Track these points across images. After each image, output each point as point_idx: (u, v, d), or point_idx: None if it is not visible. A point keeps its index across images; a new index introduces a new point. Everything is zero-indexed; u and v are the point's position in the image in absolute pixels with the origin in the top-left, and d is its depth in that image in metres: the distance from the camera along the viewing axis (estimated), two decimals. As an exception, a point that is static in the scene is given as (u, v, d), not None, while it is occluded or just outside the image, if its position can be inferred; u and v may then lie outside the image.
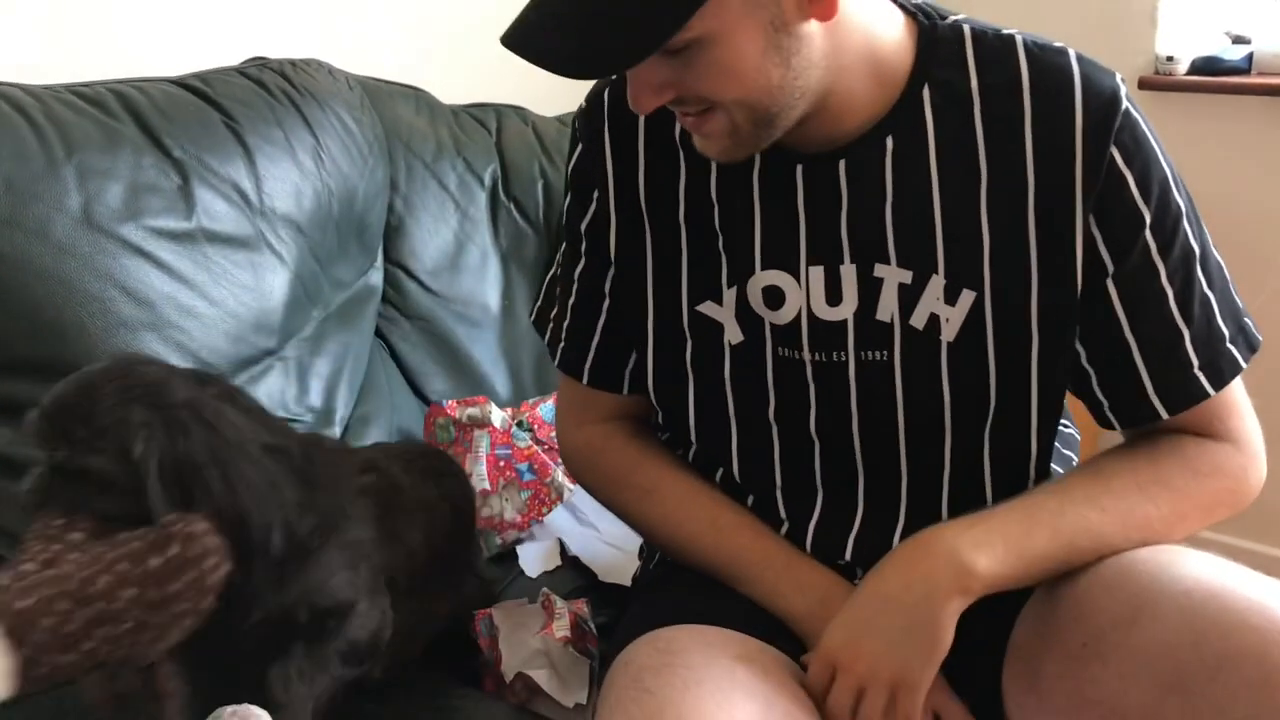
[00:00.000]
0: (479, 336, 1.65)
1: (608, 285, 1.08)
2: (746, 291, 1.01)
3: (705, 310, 1.03)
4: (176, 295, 1.28)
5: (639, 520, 1.13)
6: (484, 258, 1.68)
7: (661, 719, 0.87)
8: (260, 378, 1.36)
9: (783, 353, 1.01)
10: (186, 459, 0.87)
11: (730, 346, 1.02)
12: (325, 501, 0.94)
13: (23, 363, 1.18)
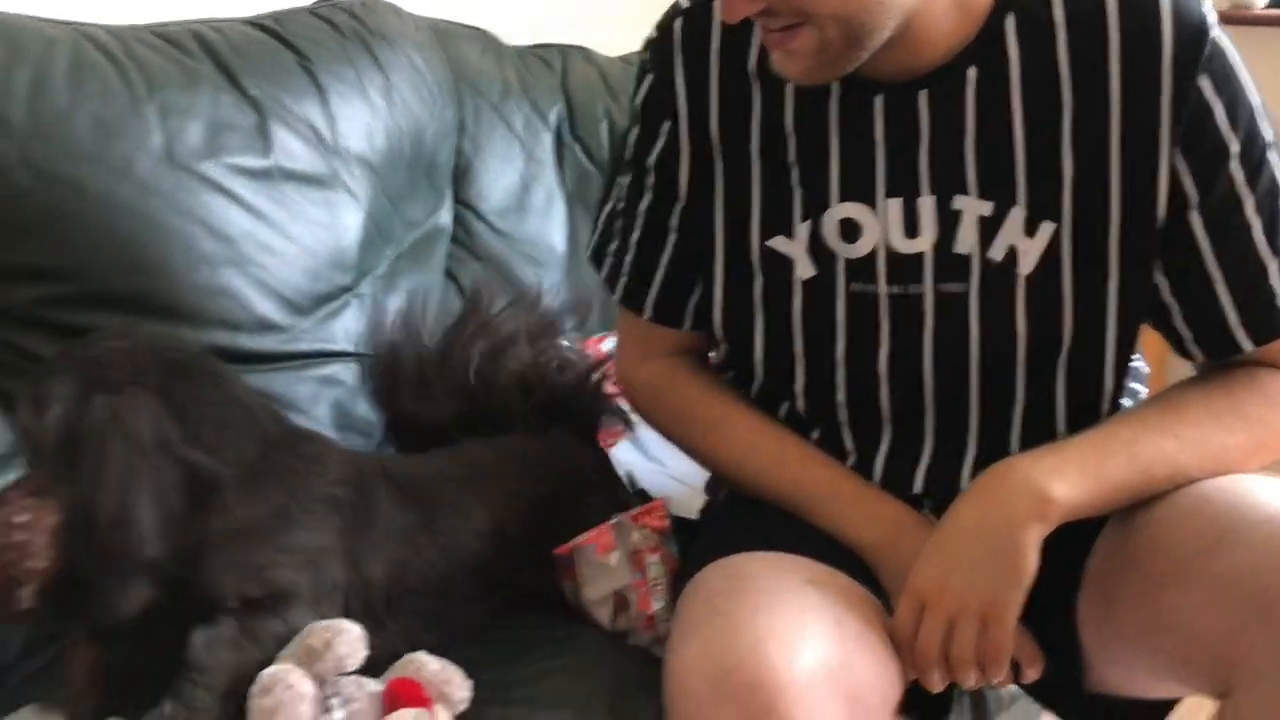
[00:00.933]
0: (544, 276, 1.66)
1: (674, 220, 1.09)
2: (820, 225, 1.01)
3: (776, 245, 1.03)
4: (255, 232, 1.31)
5: (705, 454, 1.14)
6: (549, 198, 1.69)
7: (735, 641, 0.88)
8: (337, 314, 1.39)
9: (856, 287, 1.02)
10: (77, 436, 0.90)
11: (801, 282, 1.03)
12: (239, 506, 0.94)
13: (112, 296, 1.21)
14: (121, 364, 0.93)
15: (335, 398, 1.36)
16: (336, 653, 0.88)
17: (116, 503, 0.88)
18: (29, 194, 1.17)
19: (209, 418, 0.95)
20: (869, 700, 0.90)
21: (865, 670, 0.91)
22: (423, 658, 0.94)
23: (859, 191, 1.00)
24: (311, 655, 0.88)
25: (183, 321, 1.24)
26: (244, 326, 1.28)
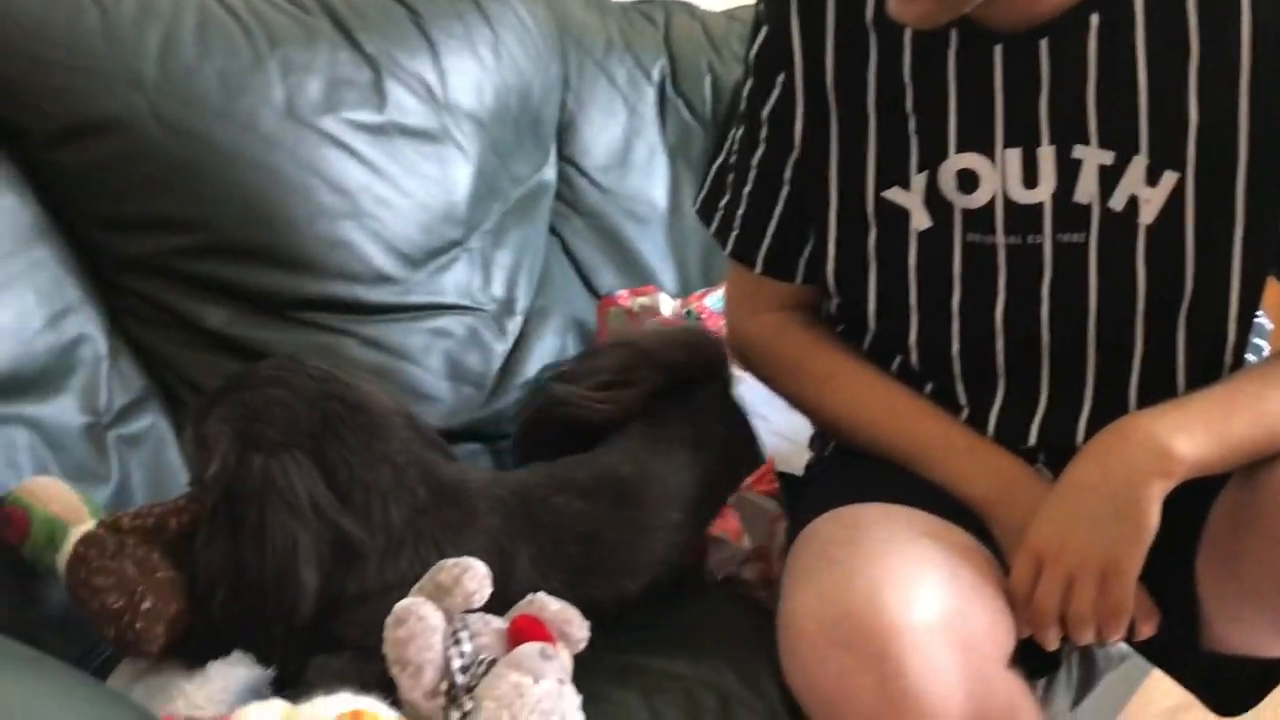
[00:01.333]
0: (646, 232, 1.68)
1: (787, 172, 1.09)
2: (937, 176, 1.01)
3: (891, 196, 1.03)
4: (372, 186, 1.33)
5: (815, 408, 1.15)
6: (652, 154, 1.70)
7: (850, 588, 0.90)
8: (448, 268, 1.42)
9: (972, 238, 1.01)
10: (239, 496, 0.93)
11: (916, 233, 1.03)
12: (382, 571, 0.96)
13: (237, 247, 1.25)
14: (276, 418, 0.95)
15: (446, 349, 1.39)
16: (465, 589, 0.91)
17: (276, 568, 0.92)
18: (160, 147, 1.21)
19: (359, 480, 0.97)
20: (983, 650, 0.91)
21: (979, 621, 0.92)
22: (544, 598, 0.97)
23: (977, 142, 1.00)
24: (440, 591, 0.91)
25: (304, 273, 1.28)
26: (361, 278, 1.32)
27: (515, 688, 0.86)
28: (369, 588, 0.95)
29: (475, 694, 0.87)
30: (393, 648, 0.89)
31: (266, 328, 1.27)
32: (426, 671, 0.88)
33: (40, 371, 1.13)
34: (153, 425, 1.22)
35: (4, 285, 1.12)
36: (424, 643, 0.88)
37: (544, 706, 0.86)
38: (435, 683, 0.88)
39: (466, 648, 0.90)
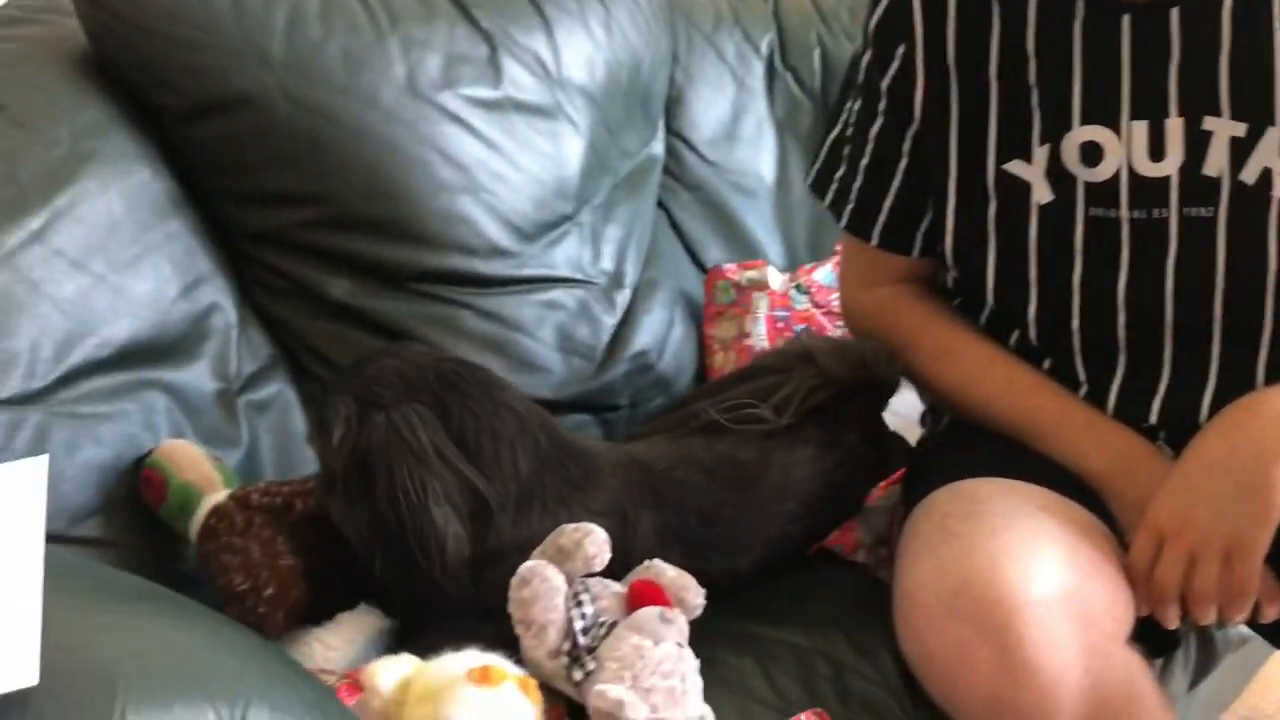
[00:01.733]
0: (753, 206, 1.68)
1: (906, 145, 1.09)
2: (1060, 149, 1.00)
3: (1013, 169, 1.02)
4: (488, 161, 1.36)
5: (932, 381, 1.15)
6: (760, 127, 1.70)
7: (970, 561, 0.90)
8: (559, 242, 1.43)
9: (1095, 212, 1.00)
10: (366, 455, 0.94)
11: (1038, 206, 1.02)
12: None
13: (360, 220, 1.28)
14: (393, 381, 0.97)
15: (557, 321, 1.41)
16: (585, 552, 0.93)
17: (414, 514, 0.93)
18: (287, 123, 1.24)
19: (485, 428, 0.98)
20: (1102, 625, 0.91)
21: (1099, 596, 0.92)
22: (661, 565, 0.98)
23: (1102, 114, 0.98)
24: (562, 554, 0.94)
25: (423, 245, 1.31)
26: (478, 252, 1.34)
27: (636, 649, 0.89)
28: (505, 544, 0.96)
29: (596, 655, 0.90)
30: (517, 608, 0.92)
31: (387, 299, 1.30)
32: (550, 632, 0.91)
33: (176, 339, 1.18)
34: (279, 392, 1.27)
35: (142, 256, 1.17)
36: (548, 603, 0.91)
37: (664, 668, 0.88)
38: (558, 643, 0.91)
39: (588, 610, 0.92)
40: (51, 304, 1.08)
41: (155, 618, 0.71)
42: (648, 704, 0.86)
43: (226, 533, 1.02)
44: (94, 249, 1.13)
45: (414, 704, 0.85)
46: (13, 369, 1.04)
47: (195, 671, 0.62)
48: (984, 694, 0.88)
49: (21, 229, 1.08)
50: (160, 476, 1.06)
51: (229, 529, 1.02)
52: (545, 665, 0.91)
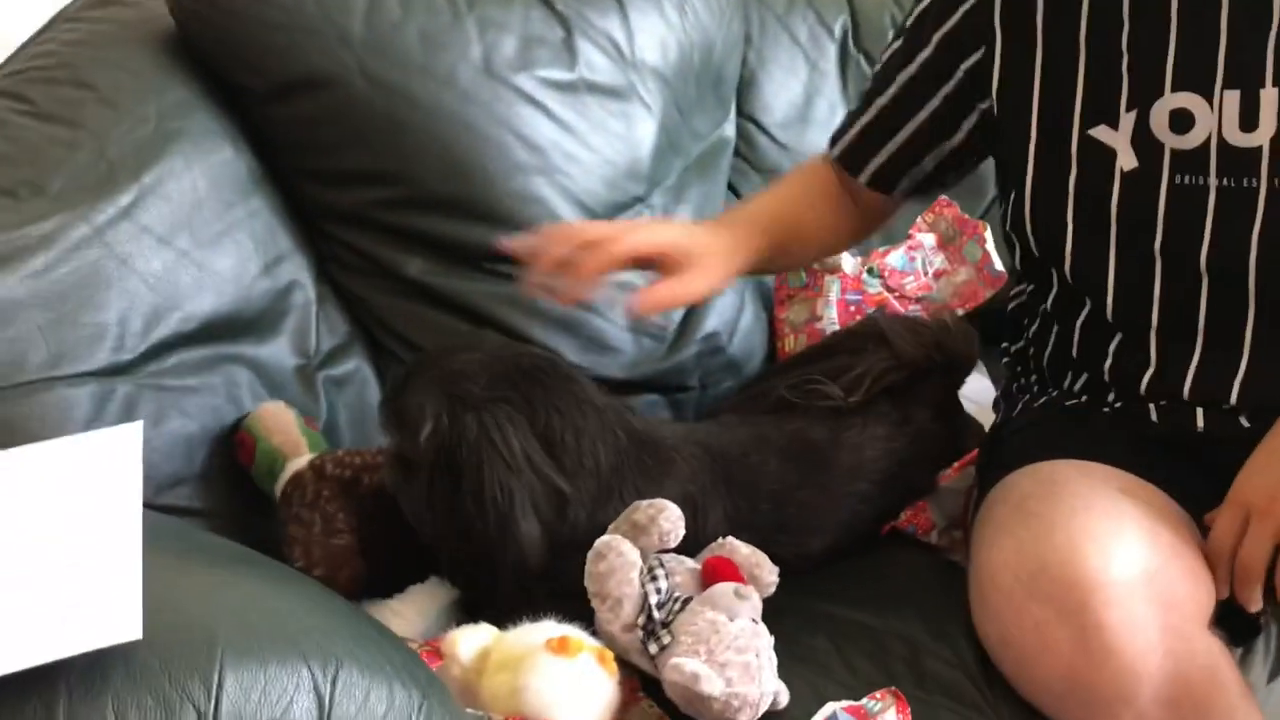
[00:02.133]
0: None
1: (935, 102, 1.09)
2: (1149, 116, 0.98)
3: (1098, 135, 1.01)
4: (562, 142, 1.37)
5: None
6: (832, 110, 1.68)
7: (1049, 542, 0.89)
8: (631, 222, 1.44)
9: (1181, 180, 0.99)
10: (454, 455, 0.95)
11: (1122, 173, 1.00)
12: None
13: (436, 199, 1.30)
14: (480, 376, 0.98)
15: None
16: (660, 528, 0.94)
17: (497, 522, 0.95)
18: (366, 103, 1.26)
19: (570, 425, 0.99)
20: (1183, 609, 0.90)
21: (1179, 579, 0.91)
22: (734, 542, 0.99)
23: (1195, 81, 0.97)
24: (636, 530, 0.95)
25: (498, 225, 1.31)
26: (551, 232, 1.35)
27: (711, 624, 0.89)
28: (580, 536, 0.97)
29: (671, 629, 0.90)
30: (593, 581, 0.92)
31: (462, 278, 1.32)
32: (625, 605, 0.92)
33: (258, 314, 1.20)
34: (357, 368, 1.29)
35: (225, 233, 1.20)
36: (623, 577, 0.92)
37: (739, 643, 0.88)
38: (633, 617, 0.92)
39: (662, 584, 0.93)
40: (139, 279, 1.11)
41: (250, 579, 0.73)
42: (723, 678, 0.86)
43: (298, 502, 1.05)
44: (179, 225, 1.15)
45: (493, 672, 0.86)
46: (102, 341, 1.06)
47: (290, 631, 0.64)
48: (1062, 675, 0.87)
49: (112, 205, 1.10)
50: (250, 439, 1.09)
51: (300, 499, 1.05)
52: (620, 639, 0.92)
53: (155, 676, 0.58)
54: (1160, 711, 0.87)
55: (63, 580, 0.62)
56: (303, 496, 1.05)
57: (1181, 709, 0.88)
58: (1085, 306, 1.07)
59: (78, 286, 1.06)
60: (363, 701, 0.63)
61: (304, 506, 1.04)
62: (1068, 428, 1.07)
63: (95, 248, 1.08)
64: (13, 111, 1.14)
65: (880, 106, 1.14)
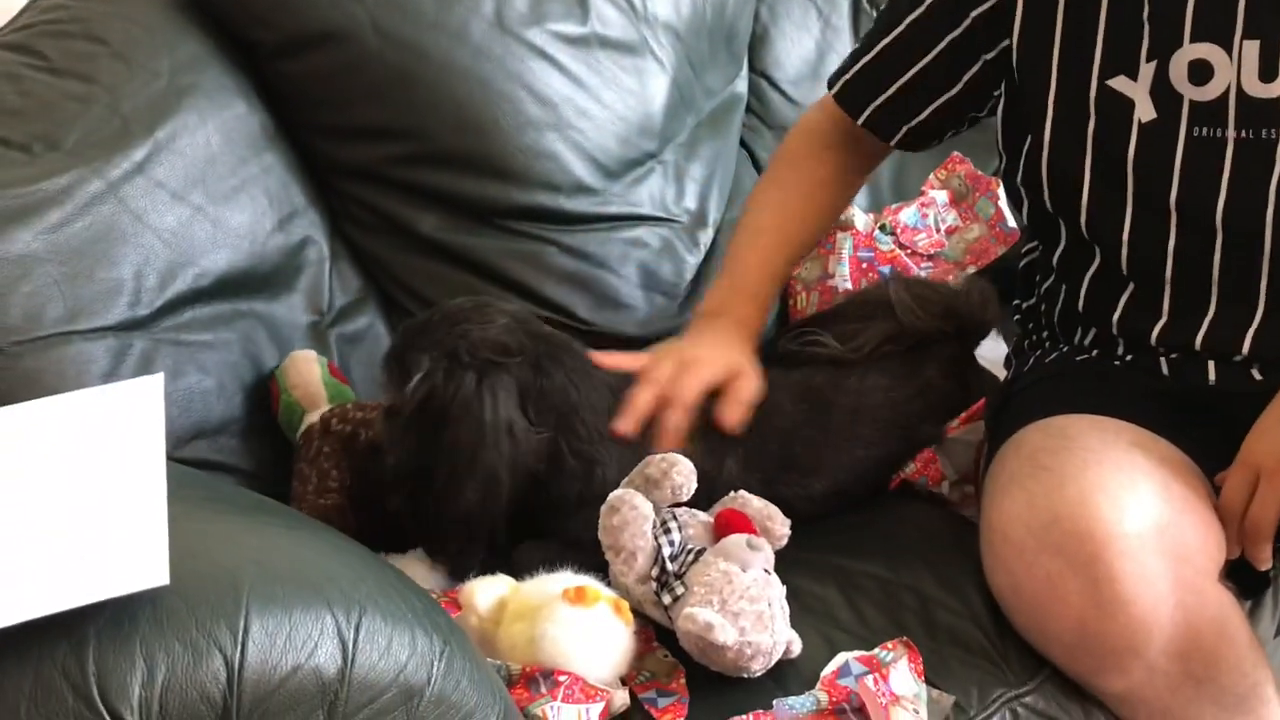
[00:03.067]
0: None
1: (941, 45, 1.09)
2: (1168, 66, 0.98)
3: (1116, 85, 1.00)
4: (574, 97, 1.36)
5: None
6: (844, 67, 1.68)
7: (1061, 494, 0.90)
8: (643, 180, 1.44)
9: (1199, 132, 0.98)
10: (440, 405, 0.96)
11: (1139, 124, 1.00)
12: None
13: (449, 155, 1.30)
14: (490, 340, 0.99)
15: (641, 259, 1.42)
16: (673, 481, 0.95)
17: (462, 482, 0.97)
18: (378, 57, 1.26)
19: (572, 384, 1.02)
20: (1195, 562, 0.90)
21: (1192, 533, 0.91)
22: (746, 495, 1.00)
23: (1214, 31, 0.96)
24: (649, 484, 0.95)
25: (510, 181, 1.32)
26: (563, 189, 1.35)
27: (724, 575, 0.90)
28: (595, 492, 0.98)
29: (685, 580, 0.91)
30: (607, 534, 0.93)
31: (475, 234, 1.32)
32: (639, 557, 0.93)
33: (272, 271, 1.21)
34: (370, 325, 1.29)
35: (239, 189, 1.20)
36: (636, 529, 0.92)
37: (752, 593, 0.89)
38: (646, 569, 0.93)
39: (675, 536, 0.94)
40: (154, 234, 1.11)
41: (274, 528, 0.73)
42: (735, 627, 0.87)
43: (303, 457, 1.06)
44: (193, 181, 1.15)
45: (510, 622, 0.87)
46: (118, 296, 1.07)
47: (313, 579, 0.64)
48: (1073, 626, 0.88)
49: (126, 160, 1.11)
50: (276, 388, 1.10)
51: (304, 453, 1.06)
52: (634, 590, 0.93)
53: (182, 622, 0.59)
54: (1169, 663, 0.88)
55: (90, 528, 0.63)
56: (306, 452, 1.06)
57: (1190, 660, 0.89)
58: (1095, 260, 1.07)
59: (93, 241, 1.06)
60: (385, 648, 0.64)
61: (305, 462, 1.05)
62: (1079, 383, 1.08)
63: (109, 203, 1.08)
64: (25, 66, 1.15)
65: (883, 47, 1.14)
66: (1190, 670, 0.89)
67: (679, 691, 0.89)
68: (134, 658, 0.58)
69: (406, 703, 0.65)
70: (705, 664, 0.90)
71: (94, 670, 0.57)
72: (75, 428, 0.72)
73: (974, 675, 0.93)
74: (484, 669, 0.71)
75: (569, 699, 0.82)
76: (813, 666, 0.91)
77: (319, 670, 0.61)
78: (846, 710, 0.86)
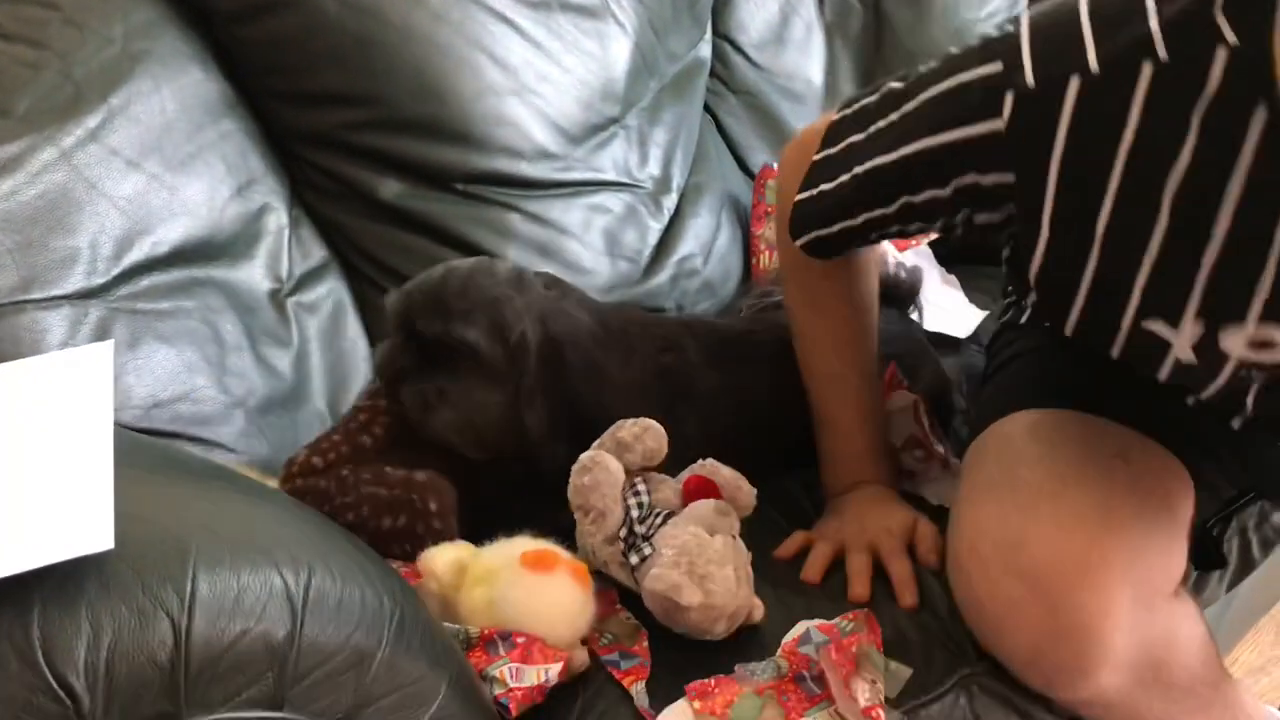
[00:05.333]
0: (802, 111, 1.66)
1: (897, 205, 0.91)
2: (1218, 332, 0.82)
3: (1153, 327, 0.83)
4: (534, 62, 1.35)
5: (802, 324, 1.11)
6: (809, 31, 1.68)
7: (1034, 516, 0.85)
8: (606, 145, 1.43)
9: (1241, 373, 0.84)
10: (555, 344, 0.98)
11: (1176, 361, 0.84)
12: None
13: (409, 120, 1.29)
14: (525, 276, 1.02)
15: (604, 224, 1.42)
16: (646, 445, 0.95)
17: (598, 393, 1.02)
18: (336, 22, 1.24)
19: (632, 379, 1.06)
20: (1154, 582, 0.88)
21: (1158, 557, 0.89)
22: (715, 464, 1.00)
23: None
24: (621, 447, 0.95)
25: (471, 147, 1.31)
26: (525, 154, 1.34)
27: (693, 538, 0.90)
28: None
29: (652, 542, 0.92)
30: (577, 494, 0.94)
31: (436, 200, 1.31)
32: (608, 518, 0.93)
33: (230, 238, 1.20)
34: (330, 292, 1.29)
35: (196, 156, 1.18)
36: (606, 491, 0.93)
37: (719, 558, 0.89)
38: (614, 530, 0.93)
39: (644, 499, 0.94)
40: (109, 202, 1.10)
41: (223, 492, 0.73)
42: (701, 590, 0.88)
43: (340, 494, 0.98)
44: (149, 148, 1.14)
45: (470, 586, 0.88)
46: (74, 265, 1.06)
47: (262, 542, 0.64)
48: (1028, 646, 0.87)
49: (79, 127, 1.09)
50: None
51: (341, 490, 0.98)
52: (601, 551, 0.93)
53: (128, 586, 0.59)
54: (1119, 676, 0.87)
55: (35, 493, 0.62)
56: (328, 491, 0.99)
57: (1141, 669, 0.88)
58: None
59: (46, 210, 1.05)
60: (335, 611, 0.64)
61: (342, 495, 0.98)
62: (1069, 366, 1.01)
63: (63, 171, 1.07)
64: (-26, 32, 1.13)
65: (868, 219, 0.95)
66: (1141, 678, 0.88)
67: (641, 654, 0.90)
68: (79, 623, 0.57)
69: (357, 666, 0.65)
70: (669, 625, 0.90)
71: (39, 636, 0.56)
72: (23, 394, 0.71)
73: (933, 651, 0.93)
74: (437, 632, 0.71)
75: (527, 660, 0.82)
76: (775, 633, 0.92)
77: (268, 633, 0.61)
78: (806, 678, 0.86)
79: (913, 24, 1.68)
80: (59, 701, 0.56)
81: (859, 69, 1.69)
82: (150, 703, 0.59)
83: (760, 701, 0.85)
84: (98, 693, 0.57)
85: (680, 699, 0.85)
